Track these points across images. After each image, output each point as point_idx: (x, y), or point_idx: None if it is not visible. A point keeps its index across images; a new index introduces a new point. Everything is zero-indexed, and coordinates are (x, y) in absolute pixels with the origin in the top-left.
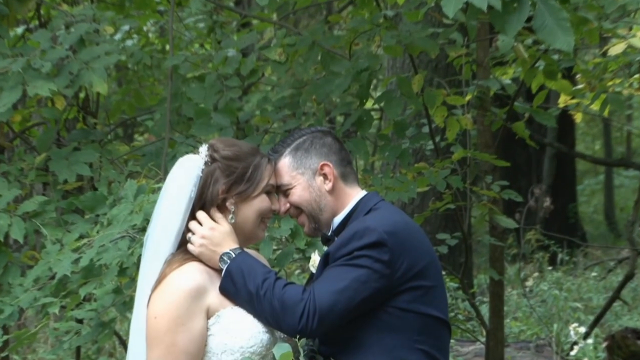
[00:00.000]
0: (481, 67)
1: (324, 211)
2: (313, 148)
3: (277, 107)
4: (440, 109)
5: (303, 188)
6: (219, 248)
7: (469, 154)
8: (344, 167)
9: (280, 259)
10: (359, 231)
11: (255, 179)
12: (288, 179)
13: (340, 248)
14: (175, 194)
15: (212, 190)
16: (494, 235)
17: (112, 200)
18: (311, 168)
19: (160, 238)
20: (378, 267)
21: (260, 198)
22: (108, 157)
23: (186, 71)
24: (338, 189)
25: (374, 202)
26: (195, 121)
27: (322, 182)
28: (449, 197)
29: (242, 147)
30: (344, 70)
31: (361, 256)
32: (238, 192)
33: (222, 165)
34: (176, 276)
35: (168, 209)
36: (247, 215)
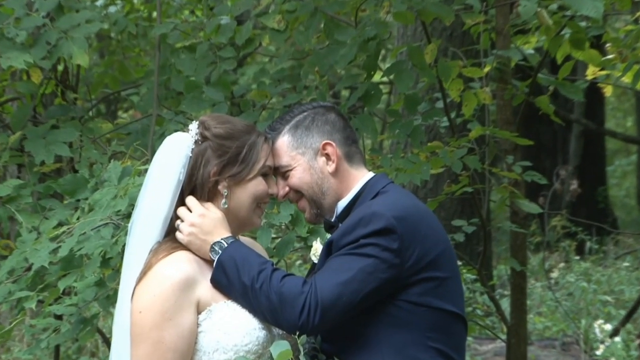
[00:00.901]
0: (501, 35)
1: (326, 195)
2: (315, 125)
3: (276, 80)
4: (456, 81)
5: (303, 170)
6: (209, 237)
7: (487, 131)
8: (349, 146)
9: (280, 248)
10: (365, 217)
11: (251, 160)
12: (287, 159)
13: (345, 235)
14: (162, 176)
15: (203, 173)
16: (515, 221)
17: (94, 184)
18: (312, 147)
19: (146, 225)
20: (386, 256)
21: (255, 181)
22: (89, 136)
23: (175, 40)
24: (342, 171)
25: (381, 185)
26: (185, 96)
27: (324, 163)
28: (465, 179)
29: (236, 124)
30: (349, 39)
31: (368, 244)
32: (231, 174)
33: (213, 144)
34: (163, 266)
35: (154, 193)
36: (242, 200)
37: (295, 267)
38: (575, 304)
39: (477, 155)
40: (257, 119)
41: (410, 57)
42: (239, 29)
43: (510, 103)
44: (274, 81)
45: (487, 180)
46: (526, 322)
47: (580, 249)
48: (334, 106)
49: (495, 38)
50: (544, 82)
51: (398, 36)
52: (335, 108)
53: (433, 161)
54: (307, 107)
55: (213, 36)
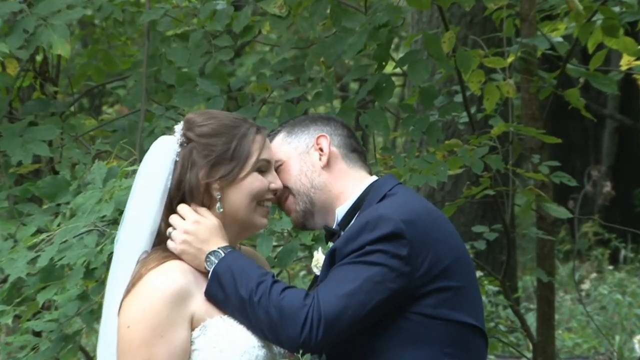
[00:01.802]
0: (526, 21)
1: (317, 190)
2: (313, 124)
3: (277, 72)
4: (476, 73)
5: (293, 163)
6: (205, 245)
7: (511, 128)
8: (350, 151)
9: (282, 258)
10: (371, 221)
11: (241, 156)
12: (279, 156)
13: (349, 242)
14: (147, 184)
15: (191, 178)
16: (542, 227)
17: (77, 186)
18: (306, 142)
19: (132, 234)
20: (395, 263)
21: (250, 178)
22: (71, 134)
23: (166, 28)
24: (338, 169)
25: (389, 187)
26: (177, 89)
27: (317, 157)
28: (487, 181)
29: (222, 119)
30: (358, 26)
31: (374, 251)
32: (222, 175)
33: (198, 145)
34: (154, 277)
35: (140, 202)
36: (238, 201)
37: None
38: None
39: (500, 154)
40: (257, 114)
41: (426, 46)
42: (237, 15)
43: (536, 97)
44: (275, 73)
45: (511, 182)
46: (554, 338)
47: (614, 257)
48: (339, 118)
49: (520, 25)
50: (574, 74)
51: (412, 23)
52: (341, 120)
53: (451, 161)
54: (310, 114)
55: (208, 23)
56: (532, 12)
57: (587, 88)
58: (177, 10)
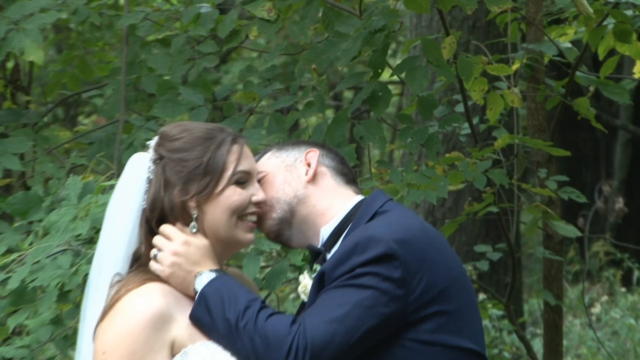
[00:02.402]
0: (532, 26)
1: (300, 201)
2: (305, 144)
3: (266, 80)
4: (479, 81)
5: (278, 174)
6: (195, 267)
7: (516, 140)
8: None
9: (270, 279)
10: (361, 242)
11: (216, 169)
12: (264, 167)
13: (338, 265)
14: (121, 204)
15: (167, 197)
16: (549, 246)
17: (50, 203)
18: (295, 156)
19: (107, 256)
20: (387, 286)
21: (228, 192)
22: (44, 146)
23: (146, 33)
24: (324, 185)
25: (379, 204)
26: (157, 98)
27: (304, 171)
28: (490, 197)
29: (195, 130)
30: (352, 30)
31: (365, 274)
32: (196, 191)
33: (170, 161)
34: (132, 299)
35: (114, 223)
36: (217, 218)
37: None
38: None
39: (504, 168)
40: (244, 125)
41: (425, 52)
42: (222, 19)
43: (543, 106)
44: (263, 81)
45: (516, 198)
46: None
47: (626, 279)
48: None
49: (526, 29)
50: (584, 82)
51: (411, 27)
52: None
53: (452, 175)
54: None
55: (191, 27)
56: (539, 16)
57: (598, 97)
58: (158, 14)
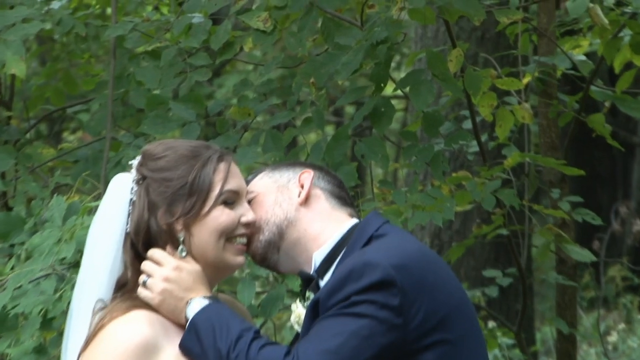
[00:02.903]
0: (544, 37)
1: (290, 224)
2: (301, 165)
3: (261, 94)
4: (488, 96)
5: (268, 194)
6: (188, 294)
7: (527, 158)
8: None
9: (266, 306)
10: (357, 268)
11: (202, 189)
12: (255, 187)
13: (333, 293)
14: (103, 228)
15: (152, 219)
16: (562, 271)
17: (33, 224)
18: (288, 177)
19: (89, 282)
20: (385, 315)
21: (215, 212)
22: (27, 164)
23: (135, 44)
24: (318, 209)
25: (374, 227)
26: (147, 114)
27: (297, 193)
28: (500, 219)
29: (179, 148)
30: (353, 42)
31: (361, 302)
32: (182, 213)
33: (153, 181)
34: (117, 327)
35: (95, 248)
36: (204, 240)
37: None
38: None
39: (515, 188)
40: (238, 142)
41: (430, 65)
42: (215, 30)
43: (556, 123)
44: (258, 95)
45: (527, 220)
46: None
47: None
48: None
49: (538, 41)
50: (599, 97)
51: (415, 39)
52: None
53: (459, 196)
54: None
55: (182, 39)
56: (551, 27)
57: (614, 113)
58: (148, 25)
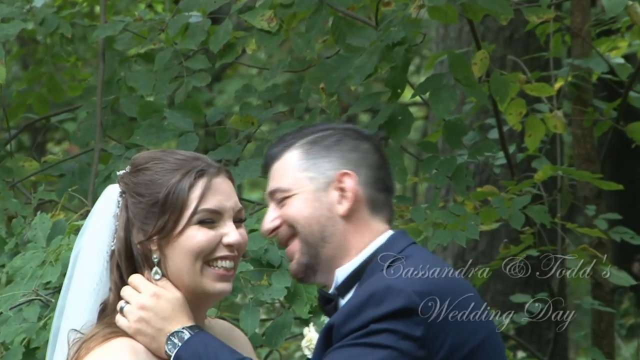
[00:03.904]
0: (578, 38)
1: (326, 243)
2: (338, 148)
3: (266, 101)
4: (516, 102)
5: (306, 199)
6: (166, 325)
7: (560, 172)
8: (378, 191)
9: (272, 335)
10: (377, 293)
11: (174, 206)
12: (288, 182)
13: (349, 319)
14: (88, 245)
15: (128, 237)
16: (599, 296)
17: (14, 245)
18: (326, 175)
19: (72, 307)
20: (407, 347)
21: (188, 232)
22: (7, 179)
23: (126, 46)
24: (357, 219)
25: (399, 248)
26: (139, 123)
27: (335, 199)
28: (529, 238)
29: (165, 160)
30: (367, 43)
31: (381, 331)
32: (153, 232)
33: (131, 195)
34: (98, 357)
35: (82, 267)
36: (176, 263)
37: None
38: None
39: (546, 205)
40: (240, 154)
41: (452, 69)
42: (215, 30)
43: (591, 132)
44: (263, 102)
45: (560, 239)
46: None
47: None
48: (373, 136)
49: (571, 42)
50: (638, 103)
51: (436, 39)
52: (375, 139)
53: (484, 213)
54: (336, 126)
55: (178, 40)
56: (586, 27)
57: None
58: (140, 24)
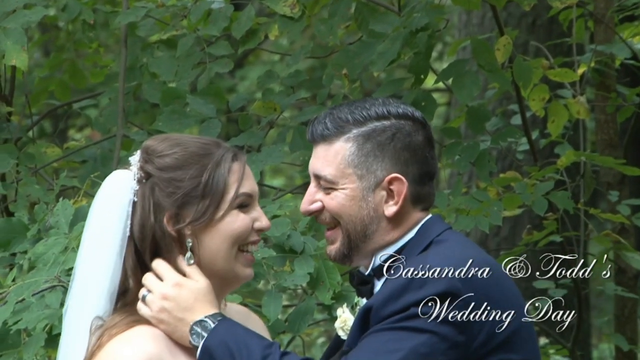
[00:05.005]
0: (601, 23)
1: (368, 240)
2: (392, 147)
3: (289, 87)
4: (539, 88)
5: (352, 197)
6: (188, 314)
7: (583, 157)
8: (423, 184)
9: (294, 321)
10: (418, 276)
11: (216, 191)
12: (336, 173)
13: (389, 302)
14: (99, 233)
15: (157, 223)
16: (622, 282)
17: (36, 232)
18: (376, 175)
19: (85, 296)
20: (447, 331)
21: (228, 218)
22: (29, 165)
23: (148, 32)
24: (402, 214)
25: (436, 232)
26: (161, 109)
27: (382, 199)
28: (552, 224)
29: (189, 146)
30: (390, 29)
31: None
32: (194, 218)
33: (160, 180)
34: (118, 346)
35: (92, 256)
36: (215, 248)
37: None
38: None
39: (569, 190)
40: (262, 141)
41: (475, 55)
42: (237, 16)
43: (614, 118)
44: (285, 88)
45: (583, 225)
46: None
47: None
48: (425, 122)
49: (594, 28)
50: None
51: (459, 26)
52: (427, 126)
53: (507, 199)
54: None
55: (201, 26)
56: (609, 12)
57: None
58: (163, 11)
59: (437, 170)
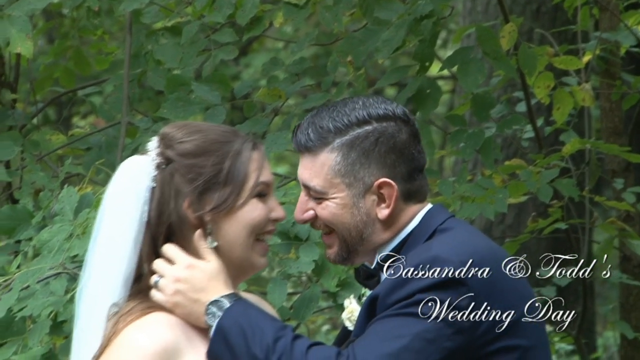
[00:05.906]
0: (606, 11)
1: (365, 242)
2: (377, 152)
3: (293, 75)
4: (544, 76)
5: (343, 206)
6: (203, 295)
7: (588, 145)
8: (412, 181)
9: (299, 308)
10: (424, 263)
11: (237, 178)
12: (324, 183)
13: (395, 289)
14: (116, 219)
15: (176, 209)
16: (627, 270)
17: (41, 219)
18: (364, 182)
19: (101, 283)
20: (452, 317)
21: (248, 206)
22: (34, 152)
23: (153, 19)
24: (395, 213)
25: (439, 220)
26: (166, 96)
27: (373, 203)
28: (557, 212)
29: (209, 133)
30: (395, 16)
31: (427, 301)
32: (215, 204)
33: (181, 166)
34: (134, 333)
35: (108, 242)
36: (233, 236)
37: (321, 335)
38: None
39: (574, 178)
40: (267, 127)
41: (480, 42)
42: (242, 3)
43: (619, 105)
44: (290, 75)
45: (588, 213)
46: None
47: None
48: (409, 118)
49: (599, 15)
50: None
51: (464, 13)
52: (412, 121)
53: (512, 187)
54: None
55: (205, 13)
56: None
57: None
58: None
59: (425, 161)
